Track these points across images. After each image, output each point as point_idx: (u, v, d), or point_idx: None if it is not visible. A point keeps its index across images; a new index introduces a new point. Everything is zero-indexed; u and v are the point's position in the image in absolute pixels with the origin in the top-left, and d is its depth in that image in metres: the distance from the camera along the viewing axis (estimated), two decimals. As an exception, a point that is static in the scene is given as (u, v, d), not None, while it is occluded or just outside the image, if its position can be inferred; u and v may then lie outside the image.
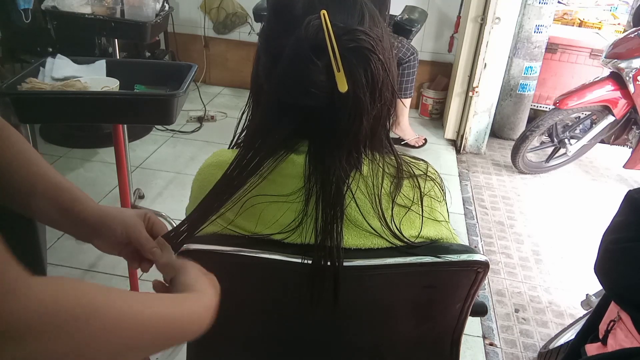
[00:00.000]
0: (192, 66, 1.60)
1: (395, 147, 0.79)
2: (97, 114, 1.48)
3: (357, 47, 0.65)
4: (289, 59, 0.67)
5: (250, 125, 0.79)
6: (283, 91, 0.69)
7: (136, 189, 2.52)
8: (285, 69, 0.68)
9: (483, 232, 2.60)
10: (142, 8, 2.09)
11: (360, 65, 0.65)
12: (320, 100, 0.67)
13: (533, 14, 3.24)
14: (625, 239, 0.95)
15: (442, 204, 0.82)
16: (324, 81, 0.65)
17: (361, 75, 0.66)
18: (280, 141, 0.72)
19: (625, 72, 2.76)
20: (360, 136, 0.70)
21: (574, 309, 2.10)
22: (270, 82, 0.71)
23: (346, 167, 0.72)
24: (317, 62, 0.65)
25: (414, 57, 3.13)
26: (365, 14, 0.70)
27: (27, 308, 0.38)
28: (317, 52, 0.65)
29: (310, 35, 0.65)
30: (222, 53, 4.02)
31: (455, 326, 0.85)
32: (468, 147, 3.41)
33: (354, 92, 0.66)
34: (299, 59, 0.66)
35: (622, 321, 1.02)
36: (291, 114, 0.70)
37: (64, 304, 0.40)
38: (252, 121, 0.79)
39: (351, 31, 0.66)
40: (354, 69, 0.65)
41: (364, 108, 0.67)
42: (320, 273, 0.71)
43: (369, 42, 0.66)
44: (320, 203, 0.71)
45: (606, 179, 3.28)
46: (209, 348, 0.91)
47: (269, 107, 0.72)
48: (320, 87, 0.66)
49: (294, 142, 0.74)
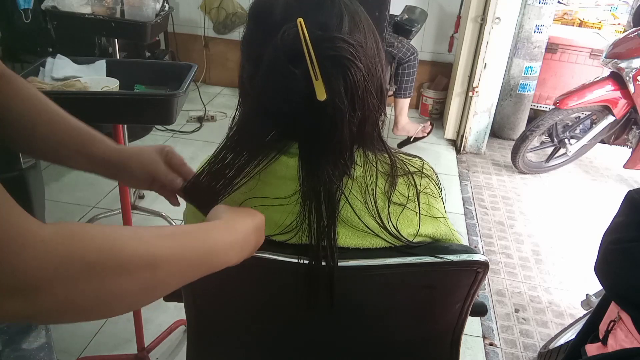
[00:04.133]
0: (192, 66, 1.60)
1: (388, 145, 0.78)
2: (97, 114, 1.47)
3: (335, 55, 0.64)
4: (267, 67, 0.67)
5: (237, 125, 0.79)
6: (264, 98, 0.69)
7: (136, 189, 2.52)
8: (265, 77, 0.67)
9: (483, 232, 2.60)
10: (142, 8, 2.09)
11: (338, 73, 0.64)
12: (299, 108, 0.66)
13: (533, 14, 3.24)
14: (626, 239, 0.95)
15: (438, 200, 0.82)
16: (303, 89, 0.64)
17: (339, 83, 0.65)
18: (265, 144, 0.72)
19: (625, 72, 2.76)
20: (344, 143, 0.69)
21: (574, 309, 2.10)
22: (252, 87, 0.71)
23: (335, 171, 0.71)
24: (294, 70, 0.64)
25: (414, 57, 3.13)
26: (345, 17, 0.68)
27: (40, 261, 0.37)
28: (295, 61, 0.64)
29: (287, 43, 0.64)
30: (222, 53, 4.02)
31: (455, 326, 0.85)
32: (468, 147, 3.41)
33: (333, 101, 0.65)
34: (277, 68, 0.66)
35: (622, 321, 1.02)
36: (274, 119, 0.70)
37: (78, 253, 0.40)
38: (239, 121, 0.79)
39: (329, 39, 0.65)
40: (332, 78, 0.64)
41: (344, 116, 0.66)
42: (315, 273, 0.71)
43: (347, 49, 0.65)
44: (314, 205, 0.71)
45: (606, 179, 3.28)
46: (208, 348, 0.91)
47: (253, 112, 0.72)
48: (298, 95, 0.65)
49: (283, 144, 0.74)
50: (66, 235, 0.40)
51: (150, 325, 1.79)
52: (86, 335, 1.78)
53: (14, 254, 0.36)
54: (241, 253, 0.62)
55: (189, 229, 0.55)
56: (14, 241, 0.36)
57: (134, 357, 1.65)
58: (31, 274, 0.37)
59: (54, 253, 0.38)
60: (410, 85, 3.20)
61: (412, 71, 3.16)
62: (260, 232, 0.66)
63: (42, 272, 0.37)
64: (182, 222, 0.88)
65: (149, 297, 0.47)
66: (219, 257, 0.57)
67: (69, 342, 1.74)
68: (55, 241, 0.39)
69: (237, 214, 0.64)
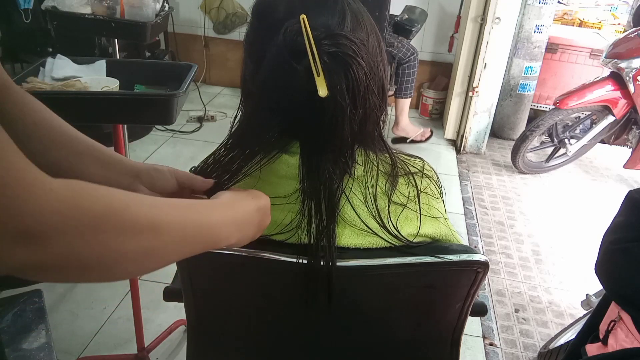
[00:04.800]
0: (192, 66, 1.60)
1: (389, 146, 0.79)
2: (97, 114, 1.47)
3: (337, 52, 0.64)
4: (270, 63, 0.67)
5: (239, 124, 0.79)
6: (266, 95, 0.69)
7: (136, 189, 2.51)
8: (267, 74, 0.67)
9: (483, 232, 2.60)
10: (142, 8, 2.09)
11: (340, 70, 0.65)
12: (301, 104, 0.66)
13: (533, 14, 3.24)
14: (626, 239, 0.95)
15: (439, 201, 0.82)
16: (304, 85, 0.65)
17: (341, 80, 0.65)
18: (266, 141, 0.71)
19: (625, 72, 2.76)
20: (345, 141, 0.70)
21: (574, 309, 2.10)
22: (254, 85, 0.71)
23: (336, 170, 0.71)
24: (296, 66, 0.65)
25: (414, 57, 3.13)
26: (347, 16, 0.68)
27: (48, 208, 0.38)
28: (297, 57, 0.64)
29: (289, 40, 0.65)
30: (222, 53, 4.02)
31: (455, 326, 0.85)
32: (468, 147, 3.41)
33: (334, 97, 0.65)
34: (279, 64, 0.66)
35: (622, 321, 1.02)
36: (276, 116, 0.70)
37: (85, 204, 0.41)
38: (241, 120, 0.79)
39: (332, 36, 0.65)
40: (334, 74, 0.64)
41: (345, 113, 0.66)
42: (314, 273, 0.71)
43: (350, 47, 0.65)
44: (314, 203, 0.71)
45: (606, 179, 3.28)
46: (208, 348, 0.91)
47: (255, 109, 0.72)
48: (300, 91, 0.65)
49: (283, 142, 0.73)
50: (75, 189, 0.41)
51: (150, 325, 1.79)
52: (86, 335, 1.78)
53: (24, 200, 0.37)
54: (242, 232, 0.62)
55: (189, 202, 0.56)
56: (24, 189, 0.37)
57: (134, 357, 1.65)
58: (40, 220, 0.37)
59: (63, 202, 0.39)
60: (411, 85, 3.20)
61: (412, 71, 3.16)
62: (265, 213, 0.66)
63: (51, 219, 0.38)
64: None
65: (149, 262, 0.48)
66: (218, 233, 0.57)
67: (69, 342, 1.74)
68: (64, 192, 0.39)
69: (238, 194, 0.64)
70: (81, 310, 1.88)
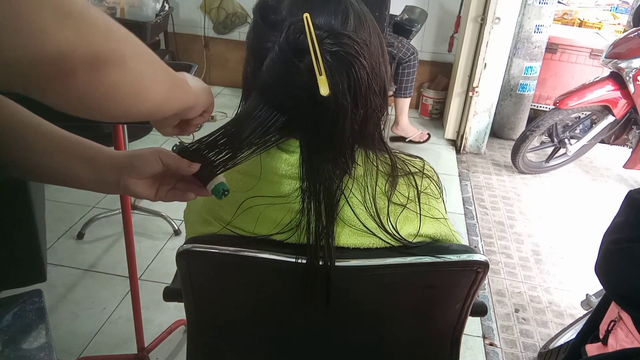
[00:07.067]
0: (192, 66, 1.60)
1: (389, 146, 0.79)
2: (97, 114, 1.47)
3: (339, 51, 0.64)
4: (272, 61, 0.67)
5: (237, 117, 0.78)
6: (268, 92, 0.69)
7: (136, 189, 2.51)
8: (269, 71, 0.67)
9: (483, 232, 2.60)
10: (142, 8, 2.09)
11: (342, 69, 0.65)
12: (302, 103, 0.66)
13: (533, 14, 3.24)
14: (626, 239, 0.95)
15: (439, 201, 0.82)
16: (306, 84, 0.65)
17: (343, 79, 0.65)
18: (266, 139, 0.71)
19: (625, 72, 2.76)
20: (345, 140, 0.69)
21: (574, 309, 2.10)
22: (256, 83, 0.71)
23: (336, 170, 0.71)
24: (298, 64, 0.65)
25: (414, 57, 3.13)
26: (350, 15, 0.68)
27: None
28: (299, 55, 0.65)
29: (292, 38, 0.65)
30: (222, 53, 4.02)
31: (455, 326, 0.85)
32: (468, 147, 3.41)
33: (335, 97, 0.65)
34: (281, 62, 0.66)
35: (622, 321, 1.02)
36: (277, 113, 0.70)
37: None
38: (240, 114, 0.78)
39: (334, 35, 0.65)
40: (336, 73, 0.64)
41: (346, 113, 0.66)
42: (313, 273, 0.71)
43: (352, 46, 0.65)
44: (313, 203, 0.71)
45: (606, 179, 3.28)
46: (208, 348, 0.91)
47: (256, 106, 0.72)
48: (302, 89, 0.65)
49: (281, 138, 0.73)
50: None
51: (150, 325, 1.79)
52: (86, 335, 1.78)
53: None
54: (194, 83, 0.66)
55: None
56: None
57: (134, 357, 1.65)
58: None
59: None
60: (410, 85, 3.21)
61: (412, 71, 3.17)
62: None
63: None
64: (182, 222, 0.88)
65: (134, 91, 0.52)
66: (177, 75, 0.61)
67: (69, 342, 1.74)
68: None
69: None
70: (81, 310, 1.88)
